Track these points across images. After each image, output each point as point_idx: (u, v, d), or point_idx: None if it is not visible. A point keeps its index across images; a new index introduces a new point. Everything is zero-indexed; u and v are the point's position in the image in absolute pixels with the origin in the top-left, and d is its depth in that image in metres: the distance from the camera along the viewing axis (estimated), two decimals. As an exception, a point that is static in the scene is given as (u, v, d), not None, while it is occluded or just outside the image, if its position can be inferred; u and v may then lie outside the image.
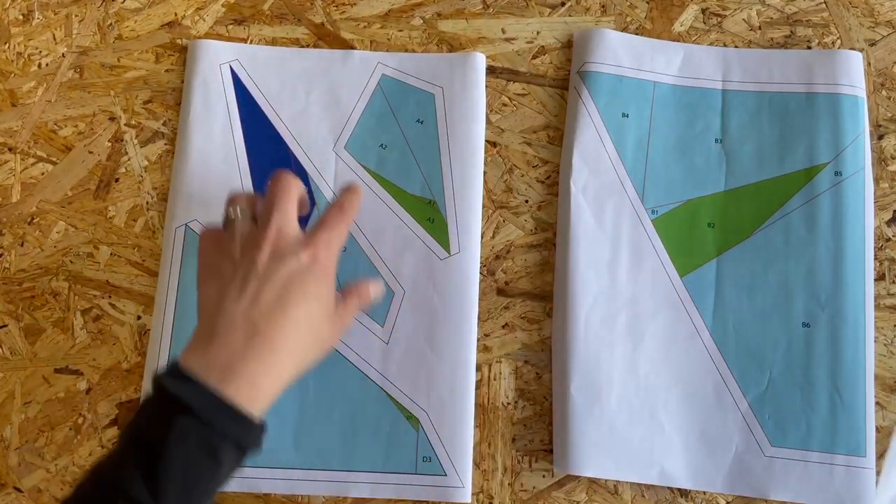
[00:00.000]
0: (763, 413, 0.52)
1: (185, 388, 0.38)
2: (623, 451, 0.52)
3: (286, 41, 0.61)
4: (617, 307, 0.54)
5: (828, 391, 0.52)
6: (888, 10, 0.61)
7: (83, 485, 0.37)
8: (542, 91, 0.59)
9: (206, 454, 0.37)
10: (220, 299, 0.42)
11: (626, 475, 0.52)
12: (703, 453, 0.52)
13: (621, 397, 0.53)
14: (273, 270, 0.42)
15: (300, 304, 0.42)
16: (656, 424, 0.52)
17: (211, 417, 0.37)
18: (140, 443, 0.37)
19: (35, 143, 0.58)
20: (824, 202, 0.55)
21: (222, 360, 0.39)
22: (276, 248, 0.43)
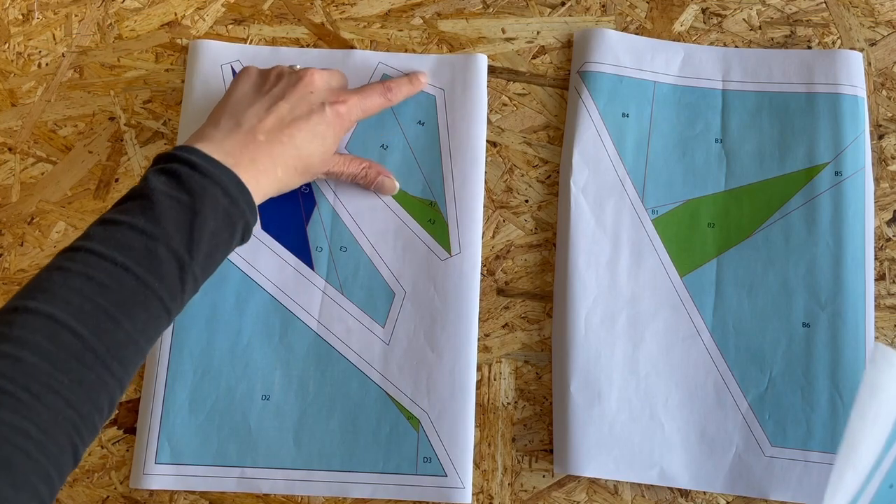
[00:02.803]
0: (763, 413, 0.52)
1: (213, 165, 0.43)
2: (623, 451, 0.52)
3: (286, 41, 0.60)
4: (617, 307, 0.54)
5: (828, 391, 0.52)
6: (888, 10, 0.61)
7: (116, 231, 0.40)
8: (542, 91, 0.59)
9: (227, 226, 0.43)
10: (247, 103, 0.49)
11: (626, 475, 0.52)
12: (703, 453, 0.52)
13: (621, 397, 0.53)
14: (299, 101, 0.49)
15: (306, 137, 0.49)
16: (656, 424, 0.52)
17: (236, 196, 0.43)
18: (173, 199, 0.41)
19: (35, 143, 0.58)
20: (824, 202, 0.55)
21: (237, 154, 0.45)
22: (312, 88, 0.50)
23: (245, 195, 0.44)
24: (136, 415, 0.53)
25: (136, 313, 0.39)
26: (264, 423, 0.52)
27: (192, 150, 0.44)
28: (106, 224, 0.41)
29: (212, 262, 0.43)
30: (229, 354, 0.53)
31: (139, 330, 0.39)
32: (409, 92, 0.56)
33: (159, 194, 0.41)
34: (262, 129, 0.47)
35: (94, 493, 0.52)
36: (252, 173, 0.45)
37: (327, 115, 0.50)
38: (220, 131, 0.47)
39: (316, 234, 0.56)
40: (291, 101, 0.49)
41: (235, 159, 0.45)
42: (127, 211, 0.41)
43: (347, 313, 0.54)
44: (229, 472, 0.51)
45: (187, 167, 0.43)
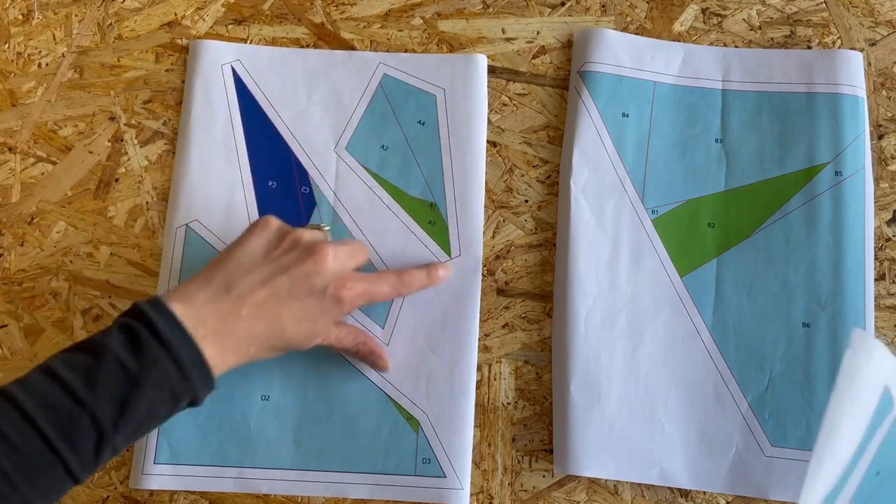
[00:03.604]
0: (763, 413, 0.52)
1: (176, 334, 0.40)
2: (623, 451, 0.52)
3: (286, 41, 0.60)
4: (617, 307, 0.54)
5: (828, 391, 0.52)
6: (888, 10, 0.61)
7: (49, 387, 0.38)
8: (542, 91, 0.59)
9: (169, 401, 0.40)
10: (248, 267, 0.45)
11: (626, 475, 0.52)
12: (703, 453, 0.52)
13: (621, 397, 0.53)
14: (302, 280, 0.45)
15: (294, 318, 0.45)
16: (656, 424, 0.52)
17: (189, 372, 0.40)
18: (121, 366, 0.39)
19: (35, 143, 0.58)
20: (824, 202, 0.55)
21: (213, 323, 0.42)
22: (321, 268, 0.46)
23: (202, 371, 0.41)
24: (136, 415, 0.53)
25: (38, 480, 0.37)
26: (264, 423, 0.52)
27: (164, 310, 0.41)
28: (45, 375, 0.39)
29: (139, 432, 0.40)
30: (229, 355, 0.53)
31: (39, 495, 0.37)
32: (425, 285, 0.52)
33: (109, 356, 0.39)
34: (251, 301, 0.44)
35: (94, 493, 0.52)
36: (221, 348, 0.42)
37: (326, 302, 0.46)
38: (206, 292, 0.43)
39: (316, 235, 0.56)
40: (294, 277, 0.45)
41: (207, 330, 0.42)
42: (72, 364, 0.39)
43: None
44: (228, 473, 0.51)
45: (149, 331, 0.40)
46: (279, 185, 0.56)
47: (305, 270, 0.45)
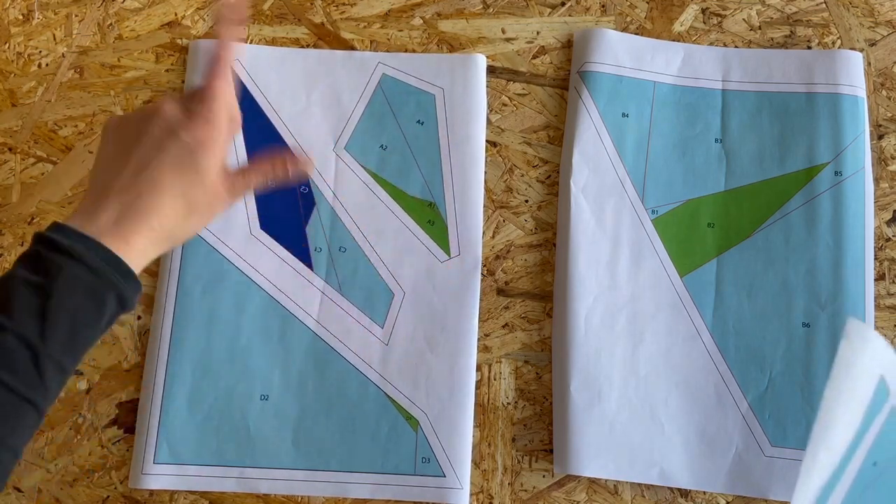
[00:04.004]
0: (763, 413, 0.52)
1: (74, 238, 0.40)
2: (623, 451, 0.52)
3: (286, 41, 0.61)
4: (617, 307, 0.54)
5: (828, 391, 0.52)
6: (888, 10, 0.61)
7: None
8: (542, 91, 0.59)
9: (92, 302, 0.39)
10: (109, 158, 0.44)
11: (626, 475, 0.52)
12: (703, 453, 0.52)
13: (621, 397, 0.53)
14: (150, 140, 0.43)
15: (168, 174, 0.43)
16: (656, 424, 0.52)
17: (99, 266, 0.39)
18: (28, 284, 0.38)
19: (35, 143, 0.58)
20: (824, 202, 0.55)
21: (102, 219, 0.41)
22: (161, 117, 0.44)
23: (115, 264, 0.40)
24: (135, 414, 0.53)
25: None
26: (263, 423, 0.52)
27: (58, 226, 0.40)
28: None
29: (78, 342, 0.40)
30: (228, 354, 0.53)
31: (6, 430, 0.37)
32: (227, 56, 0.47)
33: (15, 281, 0.38)
34: (119, 184, 0.42)
35: (94, 493, 0.52)
36: (120, 236, 0.41)
37: (182, 139, 0.43)
38: (88, 198, 0.43)
39: (315, 235, 0.56)
40: (144, 142, 0.43)
41: (99, 226, 0.41)
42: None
43: (346, 314, 0.54)
44: (228, 472, 0.51)
45: (46, 247, 0.39)
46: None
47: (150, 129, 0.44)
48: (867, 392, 0.39)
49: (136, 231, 0.42)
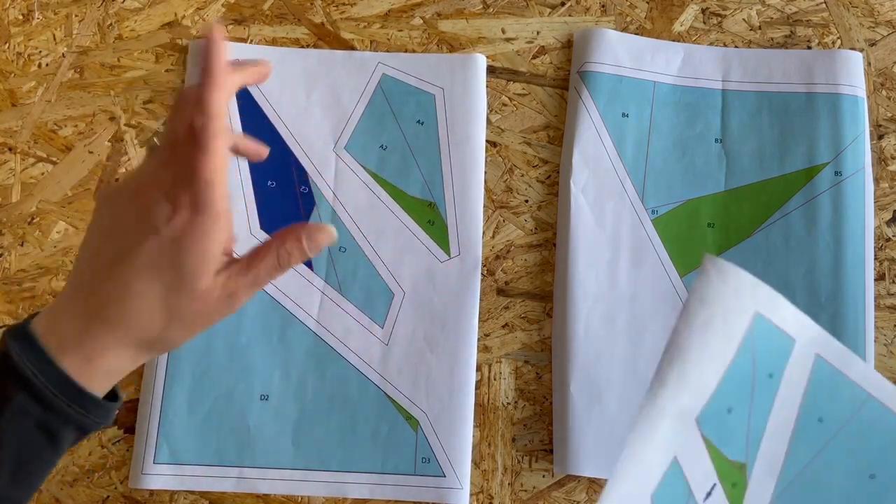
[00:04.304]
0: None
1: (29, 356, 0.34)
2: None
3: (286, 41, 0.61)
4: (617, 307, 0.54)
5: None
6: (888, 10, 0.60)
7: None
8: (542, 91, 0.59)
9: (44, 436, 0.34)
10: (84, 253, 0.37)
11: (626, 475, 0.52)
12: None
13: (621, 397, 0.53)
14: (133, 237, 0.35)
15: (149, 278, 0.35)
16: (656, 424, 0.52)
17: (51, 399, 0.34)
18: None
19: (35, 143, 0.58)
20: (824, 202, 0.55)
21: (65, 329, 0.35)
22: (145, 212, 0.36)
23: (72, 393, 0.34)
24: (135, 414, 0.53)
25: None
26: (263, 423, 0.52)
27: (20, 332, 0.34)
28: None
29: (29, 476, 0.35)
30: (228, 354, 0.53)
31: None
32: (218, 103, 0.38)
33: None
34: (90, 282, 0.35)
35: (94, 493, 0.52)
36: (83, 354, 0.34)
37: (161, 234, 0.35)
38: (65, 289, 0.37)
39: (315, 234, 0.56)
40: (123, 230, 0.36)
41: (61, 337, 0.34)
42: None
43: (346, 313, 0.54)
44: (228, 472, 0.51)
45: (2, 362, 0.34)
46: (278, 185, 0.57)
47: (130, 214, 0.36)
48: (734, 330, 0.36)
49: (101, 346, 0.35)
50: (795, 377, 0.39)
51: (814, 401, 0.39)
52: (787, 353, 0.38)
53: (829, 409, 0.39)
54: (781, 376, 0.38)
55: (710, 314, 0.35)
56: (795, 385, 0.39)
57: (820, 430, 0.39)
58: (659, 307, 0.54)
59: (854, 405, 0.39)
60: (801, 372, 0.39)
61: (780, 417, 0.39)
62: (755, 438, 0.38)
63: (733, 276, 0.36)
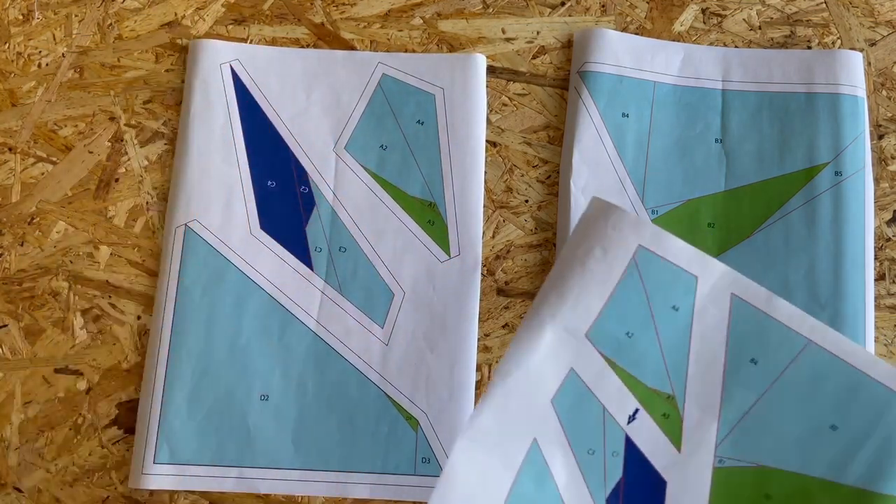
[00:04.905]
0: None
1: None
2: (623, 451, 0.52)
3: (286, 41, 0.61)
4: (617, 307, 0.54)
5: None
6: (888, 10, 0.60)
7: None
8: (542, 91, 0.59)
9: None
10: None
11: (626, 475, 0.52)
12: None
13: (621, 397, 0.53)
14: None
15: None
16: (656, 425, 0.52)
17: None
18: None
19: (35, 142, 0.58)
20: (824, 202, 0.55)
21: None
22: None
23: None
24: (135, 414, 0.53)
25: None
26: (263, 423, 0.52)
27: None
28: None
29: None
30: (228, 354, 0.53)
31: None
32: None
33: None
34: None
35: (94, 493, 0.52)
36: None
37: None
38: None
39: (315, 235, 0.56)
40: None
41: None
42: None
43: (346, 314, 0.54)
44: (228, 472, 0.51)
45: None
46: (278, 185, 0.57)
47: None
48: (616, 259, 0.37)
49: None
50: (712, 314, 0.39)
51: (740, 341, 0.39)
52: (689, 288, 0.38)
53: (761, 352, 0.38)
54: (692, 312, 0.38)
55: (590, 245, 0.37)
56: (715, 323, 0.39)
57: (756, 372, 0.39)
58: (659, 307, 0.54)
59: (791, 349, 0.38)
60: (718, 310, 0.39)
61: (704, 354, 0.39)
62: (678, 372, 0.38)
63: (613, 212, 0.37)
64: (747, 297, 0.39)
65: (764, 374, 0.38)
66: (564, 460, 0.37)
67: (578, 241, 0.37)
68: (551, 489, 0.37)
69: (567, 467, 0.37)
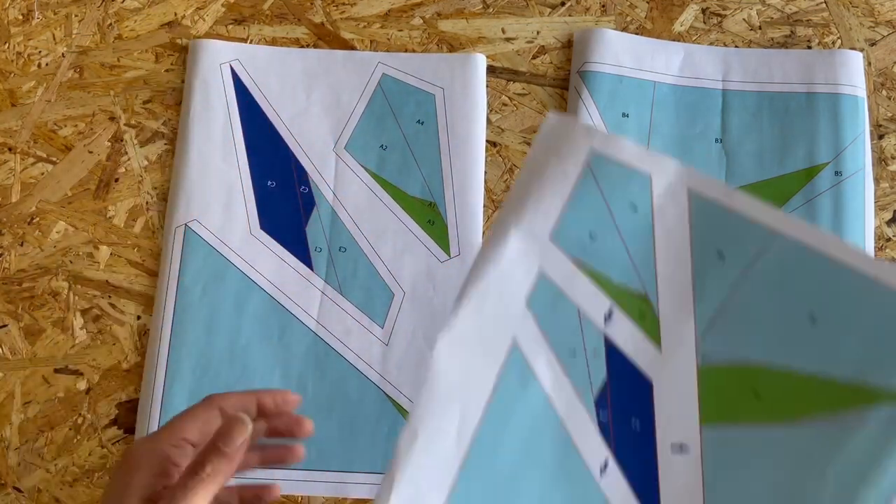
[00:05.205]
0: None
1: None
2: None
3: (286, 41, 0.60)
4: (617, 307, 0.54)
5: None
6: (888, 10, 0.60)
7: None
8: (542, 91, 0.59)
9: None
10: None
11: (626, 475, 0.52)
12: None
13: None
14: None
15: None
16: (656, 424, 0.52)
17: None
18: None
19: (35, 142, 0.58)
20: (824, 202, 0.55)
21: None
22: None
23: None
24: (135, 414, 0.53)
25: None
26: (263, 423, 0.52)
27: None
28: None
29: None
30: (228, 354, 0.53)
31: None
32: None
33: None
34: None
35: (94, 493, 0.52)
36: None
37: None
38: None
39: (315, 235, 0.56)
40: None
41: None
42: None
43: (346, 314, 0.54)
44: (228, 472, 0.51)
45: None
46: (278, 185, 0.57)
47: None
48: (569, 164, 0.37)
49: None
50: (671, 212, 0.38)
51: (704, 236, 0.38)
52: (644, 186, 0.38)
53: (725, 245, 0.38)
54: (651, 210, 0.38)
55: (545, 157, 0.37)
56: (676, 220, 0.38)
57: (724, 265, 0.38)
58: (659, 307, 0.54)
59: (755, 240, 0.37)
60: (677, 207, 0.38)
61: (670, 251, 0.38)
62: (647, 271, 0.38)
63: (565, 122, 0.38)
64: (704, 190, 0.38)
65: (733, 266, 0.37)
66: (547, 362, 0.37)
67: (535, 154, 0.38)
68: (536, 389, 0.37)
69: (551, 369, 0.37)
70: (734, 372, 0.37)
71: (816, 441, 0.35)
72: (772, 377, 0.36)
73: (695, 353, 0.38)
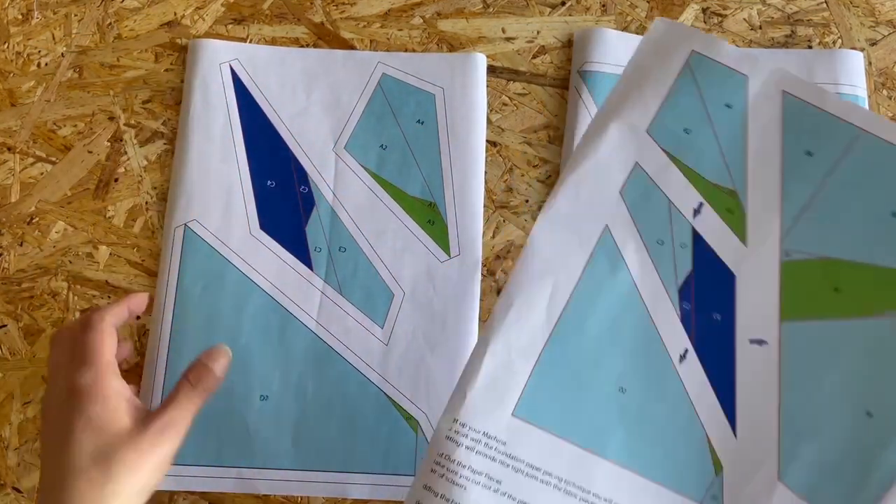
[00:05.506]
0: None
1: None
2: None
3: (286, 41, 0.60)
4: (617, 307, 0.54)
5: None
6: (889, 10, 0.60)
7: None
8: (542, 91, 0.59)
9: None
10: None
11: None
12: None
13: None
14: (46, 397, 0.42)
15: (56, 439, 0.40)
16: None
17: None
18: None
19: (34, 142, 0.58)
20: (825, 202, 0.55)
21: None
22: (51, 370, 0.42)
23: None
24: (135, 415, 0.53)
25: None
26: (263, 423, 0.52)
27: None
28: None
29: None
30: (228, 355, 0.53)
31: None
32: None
33: None
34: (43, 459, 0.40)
35: (93, 494, 0.52)
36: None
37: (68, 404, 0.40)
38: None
39: (314, 234, 0.56)
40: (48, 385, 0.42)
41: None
42: None
43: (346, 314, 0.54)
44: (227, 473, 0.51)
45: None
46: (278, 185, 0.56)
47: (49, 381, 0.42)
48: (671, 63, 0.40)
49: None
50: (765, 111, 0.40)
51: (794, 135, 0.40)
52: (740, 86, 0.40)
53: (815, 144, 0.39)
54: (745, 109, 0.40)
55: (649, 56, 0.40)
56: (768, 119, 0.40)
57: (812, 164, 0.39)
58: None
59: (844, 139, 0.39)
60: (771, 106, 0.40)
61: (761, 150, 0.40)
62: (737, 168, 0.40)
63: (668, 25, 0.41)
64: (797, 92, 0.40)
65: (820, 165, 0.39)
66: (636, 248, 0.39)
67: (640, 54, 0.41)
68: (624, 274, 0.39)
69: (639, 255, 0.39)
70: (816, 267, 0.38)
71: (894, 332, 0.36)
72: (853, 272, 0.38)
73: (779, 249, 0.39)
